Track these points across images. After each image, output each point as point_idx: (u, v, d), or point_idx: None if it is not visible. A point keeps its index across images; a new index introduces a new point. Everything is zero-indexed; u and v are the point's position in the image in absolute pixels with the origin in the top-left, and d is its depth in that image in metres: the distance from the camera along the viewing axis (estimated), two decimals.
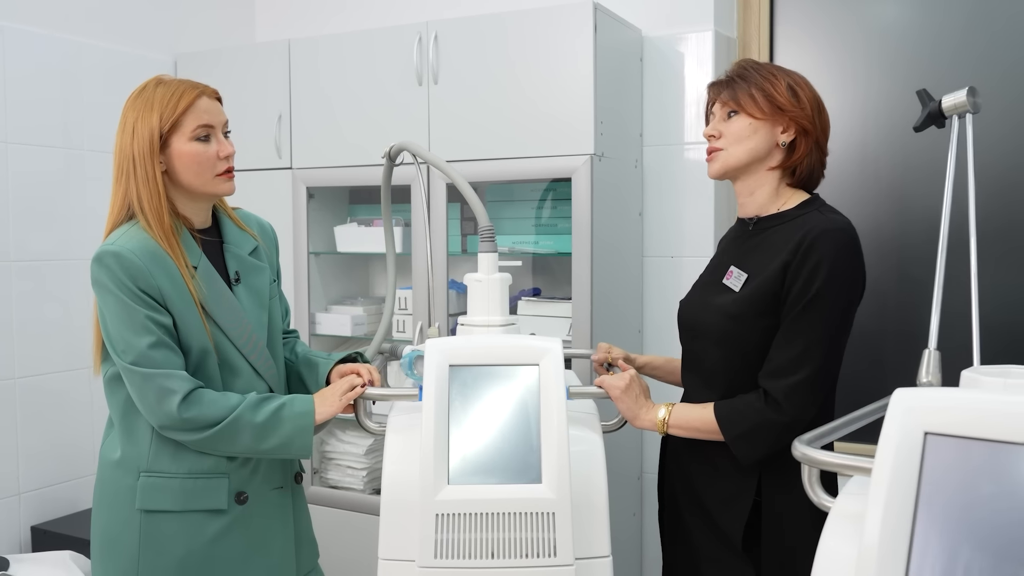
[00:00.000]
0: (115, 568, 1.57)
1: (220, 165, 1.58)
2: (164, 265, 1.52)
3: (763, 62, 1.63)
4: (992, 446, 0.86)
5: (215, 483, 1.57)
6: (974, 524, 0.85)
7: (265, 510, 1.64)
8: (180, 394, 1.49)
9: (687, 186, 2.61)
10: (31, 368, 2.61)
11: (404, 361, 1.63)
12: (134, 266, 1.49)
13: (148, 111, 1.54)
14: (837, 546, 0.97)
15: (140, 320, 1.49)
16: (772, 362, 1.50)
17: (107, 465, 1.61)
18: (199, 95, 1.57)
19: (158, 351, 1.49)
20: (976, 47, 2.41)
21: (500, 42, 2.43)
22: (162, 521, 1.55)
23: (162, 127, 1.53)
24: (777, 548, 1.53)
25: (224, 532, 1.58)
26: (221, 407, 1.51)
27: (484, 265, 1.56)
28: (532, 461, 1.33)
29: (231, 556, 1.59)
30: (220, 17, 3.22)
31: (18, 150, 2.57)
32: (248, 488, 1.61)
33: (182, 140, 1.55)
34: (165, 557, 1.55)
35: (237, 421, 1.51)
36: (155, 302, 1.51)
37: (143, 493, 1.55)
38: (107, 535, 1.59)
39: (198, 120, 1.55)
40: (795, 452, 1.06)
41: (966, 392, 0.90)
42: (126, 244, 1.51)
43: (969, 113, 1.26)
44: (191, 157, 1.55)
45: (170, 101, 1.54)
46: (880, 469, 0.88)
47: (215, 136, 1.58)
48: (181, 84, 1.57)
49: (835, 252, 1.47)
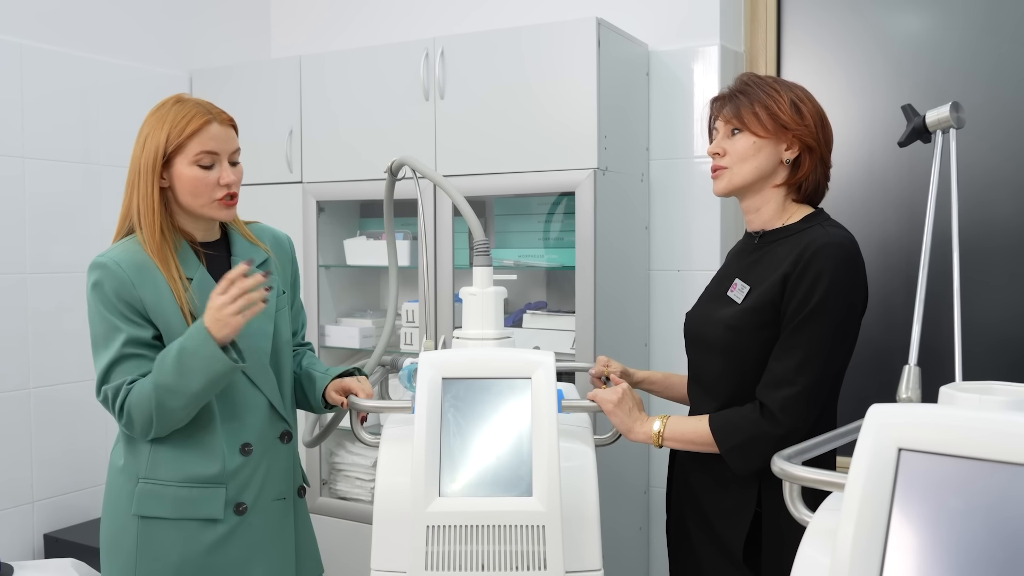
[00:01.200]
0: (117, 571, 1.61)
1: (218, 192, 1.59)
2: (150, 277, 1.55)
3: (765, 76, 1.63)
4: (965, 463, 0.86)
5: (211, 492, 1.59)
6: (947, 541, 0.85)
7: (265, 521, 1.66)
8: (118, 406, 1.53)
9: (694, 200, 2.62)
10: (46, 378, 2.66)
11: (403, 373, 1.64)
12: (116, 278, 1.54)
13: (159, 128, 1.57)
14: (814, 560, 0.97)
15: (110, 334, 1.54)
16: (769, 373, 1.50)
17: (113, 471, 1.65)
18: (209, 121, 1.58)
19: (117, 367, 1.54)
20: (982, 58, 2.40)
21: (505, 58, 2.45)
22: (158, 528, 1.58)
23: (167, 147, 1.56)
24: (777, 560, 1.52)
25: (221, 541, 1.60)
26: (143, 395, 1.51)
27: (479, 279, 1.57)
28: (523, 474, 1.34)
29: (229, 566, 1.60)
30: (235, 34, 3.28)
31: (35, 165, 2.63)
32: (247, 498, 1.62)
33: (184, 163, 1.58)
34: (161, 563, 1.58)
35: (160, 395, 1.49)
36: (135, 314, 1.54)
37: (140, 499, 1.58)
38: (109, 539, 1.63)
39: (203, 146, 1.57)
40: (774, 468, 1.06)
41: (940, 408, 0.89)
42: (113, 256, 1.57)
43: (952, 128, 1.26)
44: (190, 181, 1.58)
45: (179, 122, 1.57)
46: (853, 484, 0.88)
47: (219, 163, 1.60)
48: (196, 107, 1.59)
49: (835, 265, 1.47)
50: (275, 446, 1.67)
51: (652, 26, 2.64)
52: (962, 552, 0.84)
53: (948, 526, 0.85)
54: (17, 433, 2.58)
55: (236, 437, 1.62)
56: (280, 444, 1.68)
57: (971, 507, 0.84)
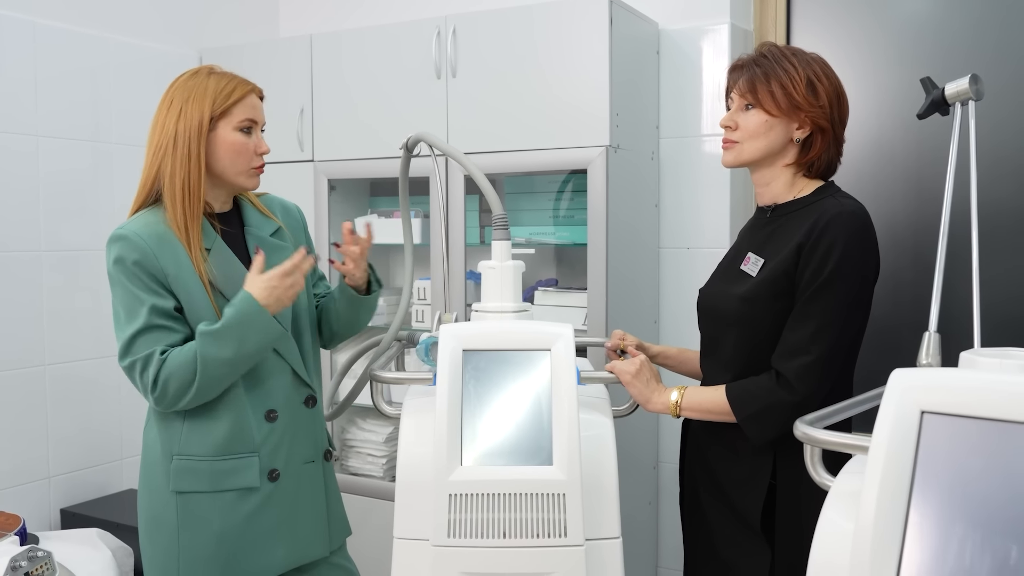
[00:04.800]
0: (159, 545, 1.64)
1: (255, 160, 1.66)
2: (171, 248, 1.58)
3: (786, 48, 1.62)
4: (986, 424, 0.88)
5: (245, 462, 1.62)
6: (968, 501, 0.87)
7: (297, 484, 1.69)
8: (151, 376, 1.54)
9: (703, 178, 2.63)
10: (61, 356, 2.68)
11: (420, 348, 1.67)
12: (138, 248, 1.56)
13: (201, 94, 1.60)
14: (837, 522, 0.99)
15: (133, 305, 1.56)
16: (785, 343, 1.52)
17: (147, 448, 1.68)
18: (251, 91, 1.66)
19: (141, 337, 1.55)
20: (991, 37, 2.41)
21: (517, 36, 2.45)
22: (197, 501, 1.61)
23: (214, 111, 1.60)
24: (792, 528, 1.55)
25: (259, 509, 1.63)
26: (183, 364, 1.53)
27: (497, 253, 1.59)
28: (543, 443, 1.35)
29: (266, 530, 1.64)
30: (244, 12, 3.28)
31: (49, 143, 2.64)
32: (278, 464, 1.65)
33: (228, 128, 1.62)
34: (203, 535, 1.61)
35: (205, 362, 1.52)
36: (157, 284, 1.56)
37: (176, 476, 1.61)
38: (149, 515, 1.66)
39: (246, 113, 1.64)
40: (796, 432, 1.08)
41: (962, 372, 0.92)
42: (132, 227, 1.58)
43: (972, 100, 1.27)
44: (232, 146, 1.62)
45: (224, 89, 1.62)
46: (877, 447, 0.90)
47: (255, 132, 1.66)
48: (236, 76, 1.66)
49: (847, 235, 1.49)
50: (300, 411, 1.70)
51: (662, 5, 2.65)
52: (983, 510, 0.86)
53: (971, 486, 0.87)
54: (33, 410, 2.60)
55: (261, 404, 1.64)
56: (305, 409, 1.71)
57: (992, 467, 0.87)
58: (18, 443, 2.56)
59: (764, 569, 1.54)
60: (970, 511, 0.87)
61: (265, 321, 1.55)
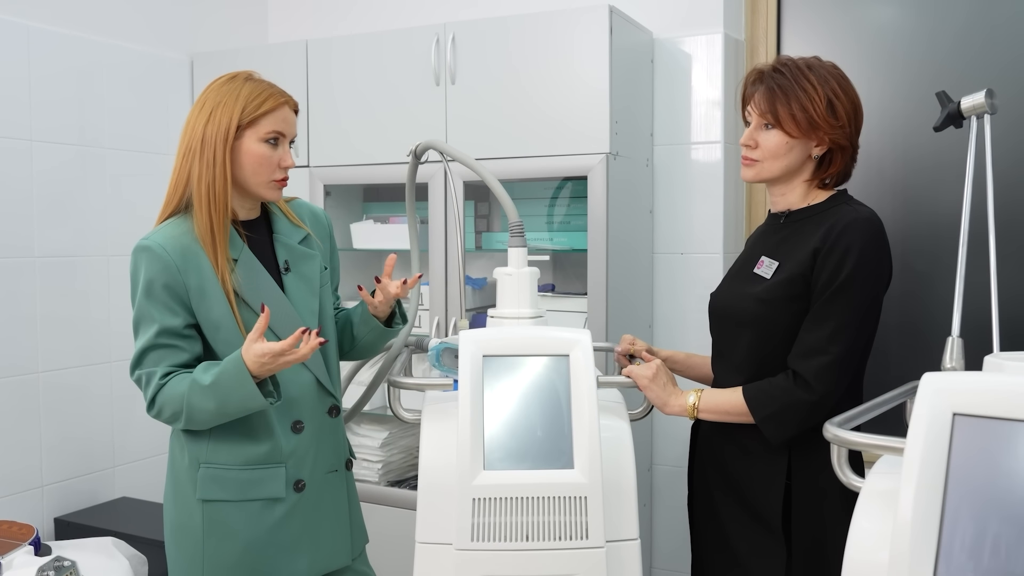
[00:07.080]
0: (185, 553, 1.64)
1: (278, 173, 1.64)
2: (195, 261, 1.57)
3: (802, 61, 1.61)
4: (1017, 425, 0.92)
5: (272, 472, 1.62)
6: (1001, 499, 0.91)
7: (322, 494, 1.69)
8: (149, 395, 1.56)
9: (696, 184, 2.67)
10: (53, 363, 2.65)
11: (432, 354, 1.68)
12: (160, 261, 1.55)
13: (233, 100, 1.59)
14: (870, 522, 1.03)
15: (145, 321, 1.57)
16: (802, 343, 1.56)
17: (174, 458, 1.68)
18: (284, 103, 1.63)
19: (148, 355, 1.56)
20: (978, 48, 2.47)
21: (517, 43, 2.48)
22: (223, 510, 1.61)
23: (241, 119, 1.58)
24: (808, 527, 1.58)
25: (284, 518, 1.63)
26: (176, 395, 1.53)
27: (514, 259, 1.61)
28: (564, 447, 1.38)
29: (291, 540, 1.64)
30: (233, 17, 3.27)
31: (42, 148, 2.61)
32: (304, 474, 1.66)
33: (253, 138, 1.60)
34: (229, 543, 1.61)
35: (190, 407, 1.53)
36: (175, 300, 1.56)
37: (203, 484, 1.61)
38: (175, 523, 1.66)
39: (274, 125, 1.61)
40: (826, 434, 1.12)
41: (991, 375, 0.96)
42: (158, 239, 1.57)
43: (987, 114, 1.32)
44: (255, 157, 1.60)
45: (256, 98, 1.60)
46: (912, 448, 0.94)
47: (282, 145, 1.64)
48: (271, 87, 1.63)
49: (863, 240, 1.54)
50: (324, 421, 1.71)
51: (657, 14, 2.69)
52: (1017, 508, 0.90)
53: (1003, 484, 0.91)
54: (26, 417, 2.57)
55: (287, 416, 1.64)
56: (328, 419, 1.72)
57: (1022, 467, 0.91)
58: (11, 452, 2.53)
59: (780, 568, 1.57)
60: (1003, 508, 0.91)
61: (249, 390, 1.49)
